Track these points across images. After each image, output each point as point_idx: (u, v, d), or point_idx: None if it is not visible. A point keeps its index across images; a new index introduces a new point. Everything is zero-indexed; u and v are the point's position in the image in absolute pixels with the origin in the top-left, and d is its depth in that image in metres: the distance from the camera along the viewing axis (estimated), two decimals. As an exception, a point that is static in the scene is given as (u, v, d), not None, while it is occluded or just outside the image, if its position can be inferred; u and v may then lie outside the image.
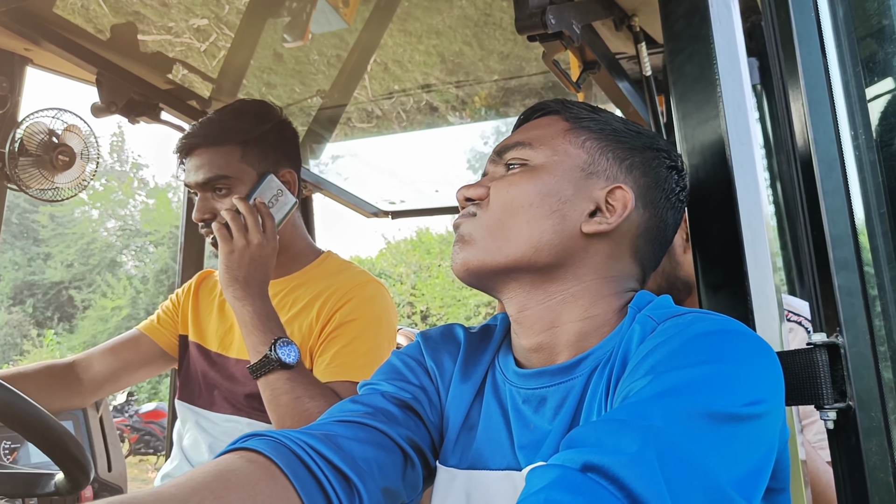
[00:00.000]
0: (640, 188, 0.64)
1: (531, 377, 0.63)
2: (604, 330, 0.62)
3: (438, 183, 1.95)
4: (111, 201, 17.43)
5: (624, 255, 0.64)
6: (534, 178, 0.63)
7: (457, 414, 0.67)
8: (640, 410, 0.45)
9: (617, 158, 0.65)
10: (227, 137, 1.10)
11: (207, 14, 1.32)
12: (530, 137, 0.66)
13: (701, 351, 0.49)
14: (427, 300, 12.96)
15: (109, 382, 1.21)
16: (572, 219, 0.62)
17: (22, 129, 1.20)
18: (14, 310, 16.31)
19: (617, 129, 0.66)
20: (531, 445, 0.60)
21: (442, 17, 1.36)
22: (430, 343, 0.73)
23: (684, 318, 0.54)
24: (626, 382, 0.51)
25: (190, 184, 1.11)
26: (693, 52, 0.70)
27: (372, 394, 0.67)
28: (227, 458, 0.53)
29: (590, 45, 1.08)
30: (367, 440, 0.60)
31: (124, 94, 1.32)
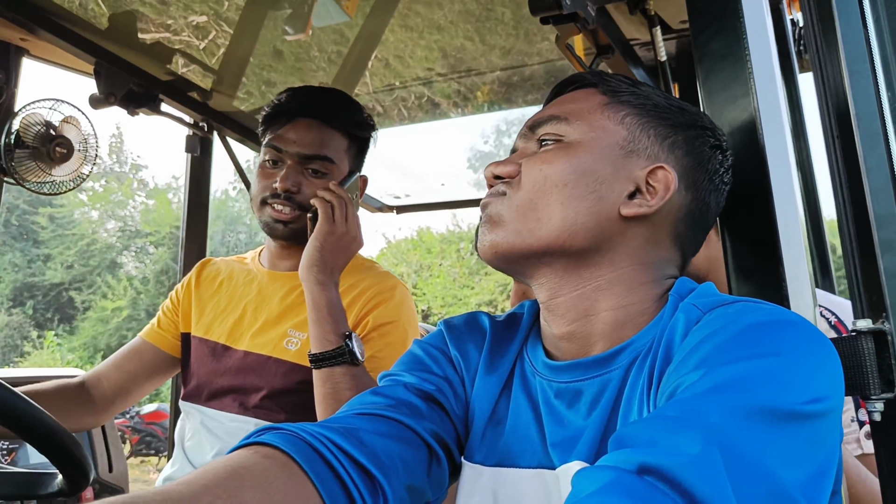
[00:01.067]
0: (683, 168, 0.59)
1: (564, 370, 0.59)
2: (641, 319, 0.58)
3: (444, 176, 1.92)
4: (111, 202, 17.41)
5: (663, 239, 0.60)
6: (569, 156, 0.58)
7: (483, 407, 0.63)
8: (694, 406, 0.41)
9: (659, 136, 0.60)
10: (340, 123, 1.10)
11: (206, 11, 1.29)
12: (566, 111, 0.61)
13: (756, 343, 0.45)
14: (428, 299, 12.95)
15: (120, 398, 1.18)
16: (610, 200, 0.57)
17: (18, 121, 1.17)
18: (14, 311, 16.30)
19: (659, 104, 0.61)
20: (565, 443, 0.56)
21: (443, 11, 1.34)
22: (454, 331, 0.69)
23: (734, 306, 0.50)
24: (674, 376, 0.47)
25: (288, 151, 1.07)
26: (720, 28, 0.67)
27: (394, 385, 0.63)
28: (241, 453, 0.50)
29: (604, 28, 1.05)
30: (390, 434, 0.57)
31: (123, 85, 1.29)
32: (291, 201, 1.06)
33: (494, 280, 12.24)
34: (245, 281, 1.18)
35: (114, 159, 19.16)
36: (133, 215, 17.64)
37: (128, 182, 18.03)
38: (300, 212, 1.07)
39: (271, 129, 1.09)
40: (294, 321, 1.09)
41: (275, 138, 1.08)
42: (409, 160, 1.90)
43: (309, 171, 1.08)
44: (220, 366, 1.11)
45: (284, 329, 1.08)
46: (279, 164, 1.08)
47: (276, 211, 1.07)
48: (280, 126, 1.08)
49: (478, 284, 12.62)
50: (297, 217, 1.07)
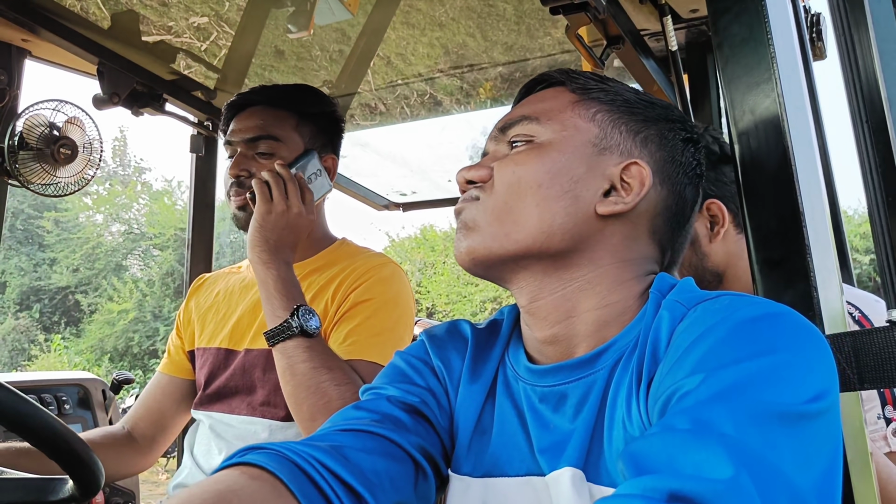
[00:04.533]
0: (657, 163, 0.59)
1: (547, 373, 0.58)
2: (625, 318, 0.57)
3: (450, 173, 1.91)
4: (115, 205, 17.45)
5: (642, 235, 0.60)
6: (542, 156, 0.58)
7: (468, 417, 0.62)
8: (703, 416, 0.39)
9: (631, 131, 0.60)
10: (286, 103, 1.12)
11: (207, 12, 1.28)
12: (536, 111, 0.61)
13: (752, 340, 0.44)
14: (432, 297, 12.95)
15: (160, 434, 1.19)
16: (586, 199, 0.57)
17: (21, 122, 1.15)
18: (21, 315, 16.37)
19: (629, 99, 0.61)
20: (552, 448, 0.55)
21: (445, 8, 1.33)
22: (436, 341, 0.68)
23: (720, 301, 0.50)
24: (670, 379, 0.46)
25: (235, 140, 1.10)
26: (740, 11, 0.65)
27: (377, 399, 0.62)
28: (228, 474, 0.48)
29: (614, 18, 1.03)
30: (376, 450, 0.56)
31: (127, 85, 1.28)
32: (243, 187, 1.08)
33: (499, 277, 12.22)
34: (241, 287, 1.18)
35: (117, 162, 19.22)
36: (138, 218, 17.69)
37: (132, 185, 18.07)
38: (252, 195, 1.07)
39: (225, 127, 1.13)
40: None
41: (228, 133, 1.12)
42: (415, 157, 1.88)
43: (257, 155, 1.09)
44: (224, 369, 1.11)
45: None
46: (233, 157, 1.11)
47: (234, 200, 1.09)
48: (228, 122, 1.12)
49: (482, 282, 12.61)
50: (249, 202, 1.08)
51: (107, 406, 1.45)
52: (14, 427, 0.68)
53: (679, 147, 0.61)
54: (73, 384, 1.42)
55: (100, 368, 13.46)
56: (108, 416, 1.45)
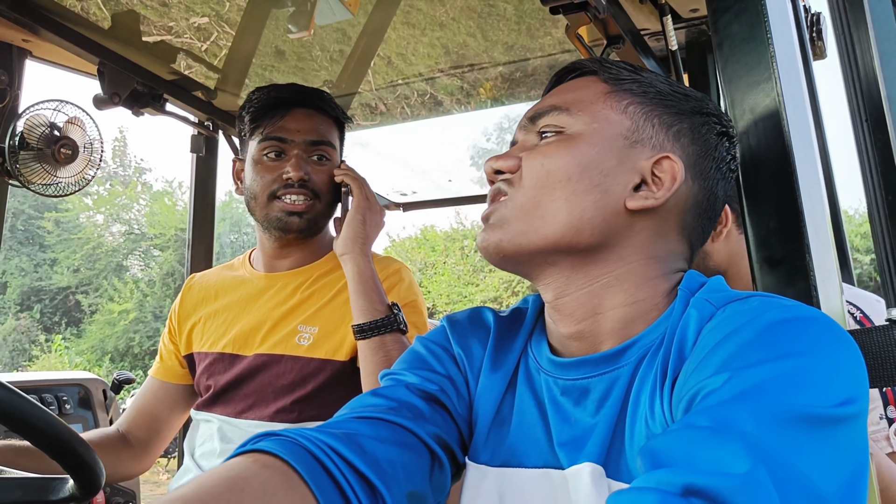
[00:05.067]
0: (689, 157, 0.58)
1: (571, 366, 0.58)
2: (651, 315, 0.56)
3: (449, 172, 1.91)
4: (115, 206, 17.46)
5: (671, 231, 0.58)
6: (571, 149, 0.57)
7: (487, 407, 0.62)
8: (725, 415, 0.39)
9: (663, 125, 0.58)
10: (332, 110, 1.12)
11: (208, 12, 1.28)
12: (566, 101, 0.59)
13: (781, 342, 0.43)
14: (433, 297, 12.95)
15: (154, 438, 1.17)
16: (615, 193, 0.56)
17: (22, 122, 1.15)
18: (22, 316, 16.37)
19: (662, 91, 0.59)
20: (572, 442, 0.55)
21: (445, 8, 1.33)
22: (457, 328, 0.67)
23: (750, 302, 0.49)
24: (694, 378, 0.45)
25: (296, 140, 1.06)
26: (740, 10, 0.65)
27: (396, 386, 0.62)
28: (240, 462, 0.48)
29: (614, 17, 1.03)
30: (391, 440, 0.55)
31: (127, 85, 1.28)
32: (306, 188, 1.06)
33: (499, 277, 12.23)
34: (240, 289, 1.16)
35: (117, 163, 19.22)
36: (138, 218, 17.69)
37: (132, 185, 18.08)
38: (314, 200, 1.07)
39: (266, 122, 1.08)
40: (303, 317, 1.08)
41: (276, 130, 1.07)
42: (415, 157, 1.88)
43: (314, 158, 1.08)
44: (230, 374, 1.09)
45: (294, 326, 1.07)
46: (282, 156, 1.07)
47: (289, 203, 1.05)
48: (278, 118, 1.07)
49: (482, 282, 12.61)
50: (311, 206, 1.07)
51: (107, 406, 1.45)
52: (16, 427, 0.68)
53: (713, 141, 0.59)
54: (74, 384, 1.42)
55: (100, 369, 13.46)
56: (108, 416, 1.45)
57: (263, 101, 1.08)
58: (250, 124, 1.09)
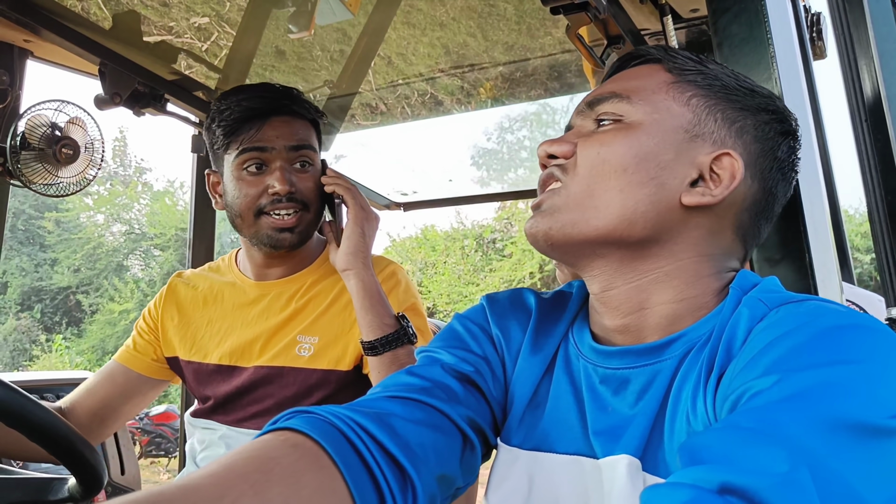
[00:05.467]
0: (751, 156, 0.55)
1: (612, 356, 0.56)
2: (699, 313, 0.55)
3: (450, 172, 1.91)
4: (116, 205, 17.47)
5: (726, 230, 0.56)
6: (629, 138, 0.55)
7: (524, 390, 0.61)
8: (771, 417, 0.38)
9: (727, 120, 0.55)
10: (306, 111, 1.06)
11: (208, 12, 1.29)
12: (627, 89, 0.57)
13: (834, 348, 0.42)
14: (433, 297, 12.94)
15: (96, 424, 1.09)
16: (671, 188, 0.54)
17: (23, 123, 1.15)
18: (22, 316, 16.38)
19: (728, 84, 0.57)
20: (608, 431, 0.54)
21: (445, 8, 1.33)
22: (497, 308, 0.65)
23: (804, 305, 0.47)
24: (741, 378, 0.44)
25: (277, 147, 1.00)
26: (740, 10, 0.65)
27: (431, 364, 0.61)
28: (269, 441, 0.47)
29: (614, 17, 1.03)
30: (424, 422, 0.54)
31: (128, 85, 1.28)
32: (294, 201, 1.01)
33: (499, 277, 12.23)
34: (231, 297, 1.12)
35: (118, 163, 19.22)
36: (139, 218, 17.70)
37: (132, 185, 18.08)
38: (303, 212, 1.02)
39: (243, 133, 1.01)
40: (301, 326, 1.05)
41: (256, 140, 1.01)
42: (415, 157, 1.88)
43: (297, 165, 1.03)
44: (231, 384, 1.06)
45: (293, 336, 1.05)
46: (264, 168, 1.01)
47: (278, 219, 1.00)
48: (256, 128, 1.01)
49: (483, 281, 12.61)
50: (300, 218, 1.02)
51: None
52: (20, 426, 0.68)
53: (777, 141, 0.57)
54: (75, 384, 1.42)
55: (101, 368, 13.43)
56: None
57: (236, 113, 1.01)
58: (224, 138, 1.02)
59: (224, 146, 1.03)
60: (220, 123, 1.03)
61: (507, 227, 13.43)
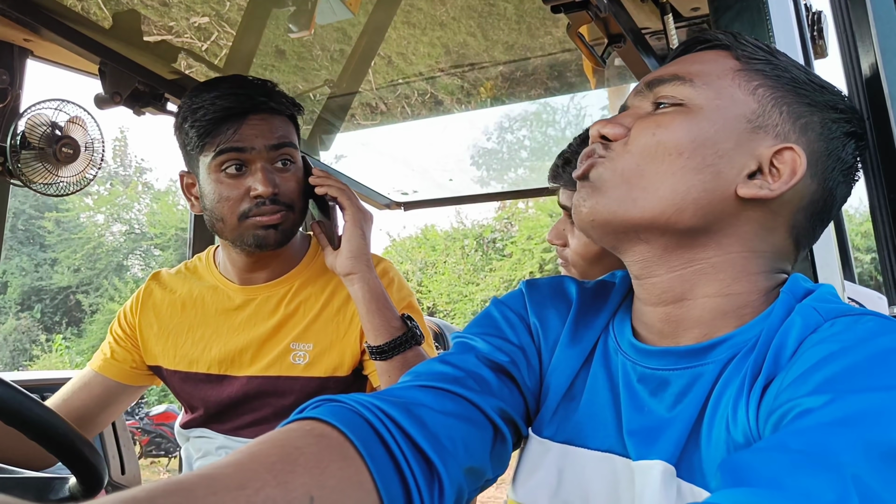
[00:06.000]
0: (813, 154, 0.53)
1: (653, 355, 0.55)
2: (745, 311, 0.53)
3: (450, 171, 1.91)
4: (116, 205, 17.48)
5: (780, 228, 0.54)
6: (689, 122, 0.52)
7: (560, 381, 0.59)
8: (822, 440, 0.36)
9: (792, 114, 0.53)
10: (285, 108, 1.01)
11: (208, 11, 1.29)
12: (691, 72, 0.54)
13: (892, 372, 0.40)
14: (433, 296, 12.95)
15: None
16: (727, 177, 0.51)
17: (24, 122, 1.15)
18: (22, 316, 16.39)
19: (797, 78, 0.54)
20: (643, 432, 0.52)
21: (445, 7, 1.33)
22: (536, 295, 0.64)
23: (863, 321, 0.46)
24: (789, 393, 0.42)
25: (257, 146, 0.95)
26: (742, 9, 0.65)
27: (465, 352, 0.59)
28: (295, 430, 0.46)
29: (615, 16, 1.03)
30: (454, 413, 0.52)
31: (128, 84, 1.28)
32: (278, 203, 0.96)
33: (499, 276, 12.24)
34: (214, 303, 1.07)
35: (118, 162, 19.23)
36: (139, 218, 17.71)
37: (133, 185, 18.09)
38: (287, 211, 0.98)
39: (219, 135, 0.95)
40: (294, 333, 1.02)
41: (234, 141, 0.95)
42: (415, 156, 1.88)
43: (278, 164, 0.98)
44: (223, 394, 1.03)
45: (286, 344, 1.02)
46: (244, 169, 0.96)
47: (264, 217, 0.96)
48: (233, 128, 0.95)
49: (483, 281, 12.62)
50: (285, 217, 0.98)
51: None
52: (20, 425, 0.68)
53: (842, 141, 0.54)
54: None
55: (101, 368, 13.42)
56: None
57: (210, 112, 0.95)
58: (199, 139, 0.96)
59: (199, 147, 0.97)
60: (192, 124, 0.96)
61: (507, 226, 13.43)
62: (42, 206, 17.30)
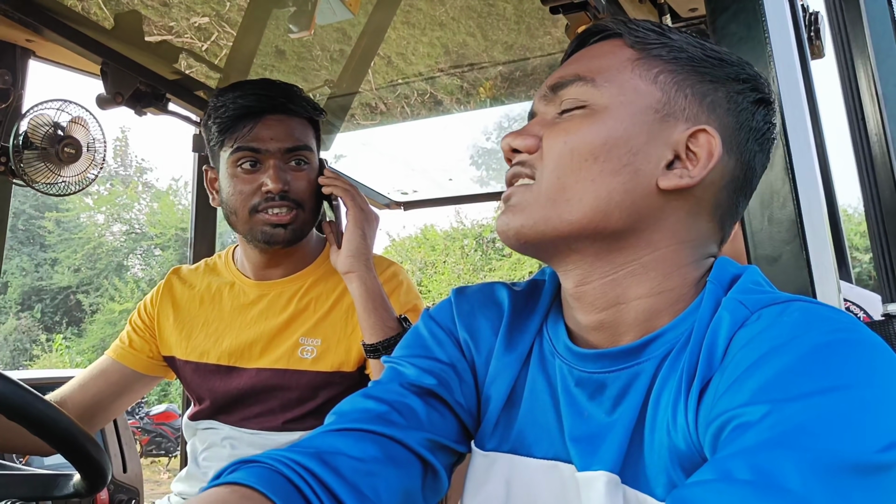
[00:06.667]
0: (726, 130, 0.52)
1: (588, 358, 0.54)
2: (678, 306, 0.52)
3: (450, 171, 1.91)
4: (116, 205, 17.48)
5: (704, 212, 0.53)
6: (597, 125, 0.51)
7: (499, 391, 0.59)
8: (766, 465, 0.36)
9: (697, 94, 0.52)
10: (303, 110, 1.05)
11: (208, 12, 1.29)
12: (591, 70, 0.53)
13: (826, 371, 0.39)
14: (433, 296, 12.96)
15: (87, 419, 1.08)
16: (646, 173, 0.51)
17: (26, 122, 1.16)
18: (23, 315, 16.39)
19: (695, 56, 0.53)
20: (585, 439, 0.52)
21: (445, 8, 1.34)
22: (465, 306, 0.63)
23: (788, 311, 0.45)
24: (726, 401, 0.42)
25: (270, 149, 1.00)
26: (738, 10, 0.66)
27: (391, 382, 0.59)
28: (217, 494, 0.46)
29: (614, 16, 1.04)
30: (375, 458, 0.52)
31: (130, 84, 1.28)
32: (287, 200, 1.00)
33: (499, 276, 12.24)
34: (230, 297, 1.11)
35: (118, 162, 19.22)
36: (139, 218, 17.71)
37: (133, 185, 18.09)
38: (297, 210, 1.02)
39: (237, 132, 1.00)
40: (303, 328, 1.05)
41: (248, 140, 1.00)
42: (415, 156, 1.89)
43: (292, 163, 1.02)
44: (231, 385, 1.06)
45: (295, 339, 1.04)
46: (258, 166, 1.01)
47: (272, 215, 1.00)
48: (249, 127, 1.00)
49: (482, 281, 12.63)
50: (295, 217, 1.01)
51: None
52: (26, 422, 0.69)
53: (751, 111, 0.53)
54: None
55: (101, 368, 13.42)
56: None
57: (231, 110, 1.01)
58: (219, 135, 1.02)
59: (219, 143, 1.03)
60: (214, 120, 1.03)
61: (507, 226, 13.40)
62: (42, 205, 17.31)
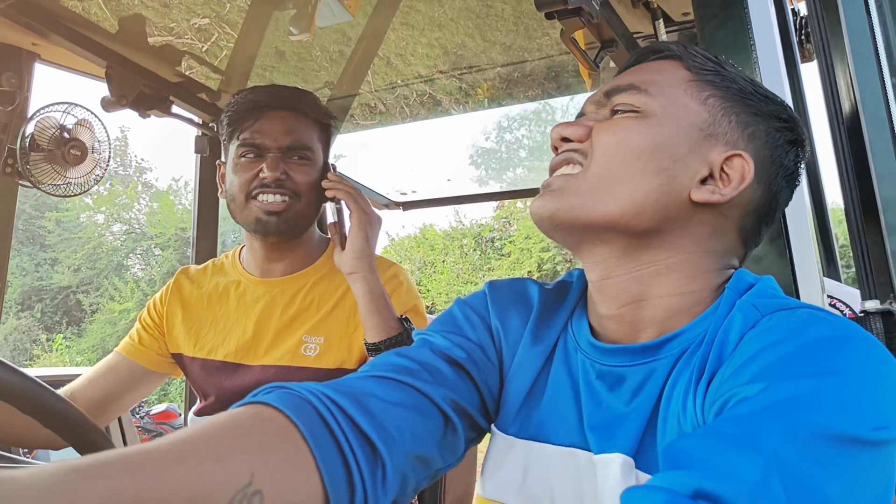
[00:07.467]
0: (760, 161, 0.56)
1: (609, 353, 0.57)
2: (697, 309, 0.55)
3: (449, 172, 1.93)
4: (116, 205, 17.48)
5: (730, 229, 0.57)
6: (645, 126, 0.55)
7: (523, 380, 0.62)
8: (752, 425, 0.39)
9: (740, 123, 0.56)
10: (311, 112, 1.08)
11: (209, 13, 1.31)
12: (646, 81, 0.57)
13: (822, 359, 0.43)
14: (432, 296, 12.97)
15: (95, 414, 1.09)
16: (682, 182, 0.54)
17: (33, 125, 1.18)
18: (23, 315, 16.39)
19: (744, 89, 0.57)
20: (603, 426, 0.55)
21: (444, 9, 1.35)
22: (498, 297, 0.66)
23: (797, 314, 0.48)
24: (729, 384, 0.45)
25: (267, 143, 1.04)
26: (726, 18, 0.68)
27: (422, 346, 0.61)
28: (241, 412, 0.47)
29: (608, 21, 1.06)
30: (402, 403, 0.54)
31: (134, 87, 1.30)
32: (283, 188, 1.03)
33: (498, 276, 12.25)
34: (235, 295, 1.13)
35: (118, 162, 19.22)
36: (139, 218, 17.71)
37: (133, 185, 18.10)
38: (292, 200, 1.04)
39: (241, 126, 1.05)
40: (307, 326, 1.07)
41: (250, 134, 1.04)
42: (414, 157, 1.91)
43: (294, 159, 1.05)
44: (237, 382, 1.08)
45: (299, 336, 1.06)
46: (259, 158, 1.05)
47: (266, 203, 1.03)
48: (252, 121, 1.05)
49: (482, 280, 12.63)
50: (289, 206, 1.04)
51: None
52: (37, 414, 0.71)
53: (785, 149, 0.58)
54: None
55: (101, 368, 13.43)
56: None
57: (239, 105, 1.06)
58: (228, 128, 1.07)
59: (228, 137, 1.07)
60: (226, 115, 1.08)
61: (506, 226, 13.44)
62: (42, 205, 17.31)
